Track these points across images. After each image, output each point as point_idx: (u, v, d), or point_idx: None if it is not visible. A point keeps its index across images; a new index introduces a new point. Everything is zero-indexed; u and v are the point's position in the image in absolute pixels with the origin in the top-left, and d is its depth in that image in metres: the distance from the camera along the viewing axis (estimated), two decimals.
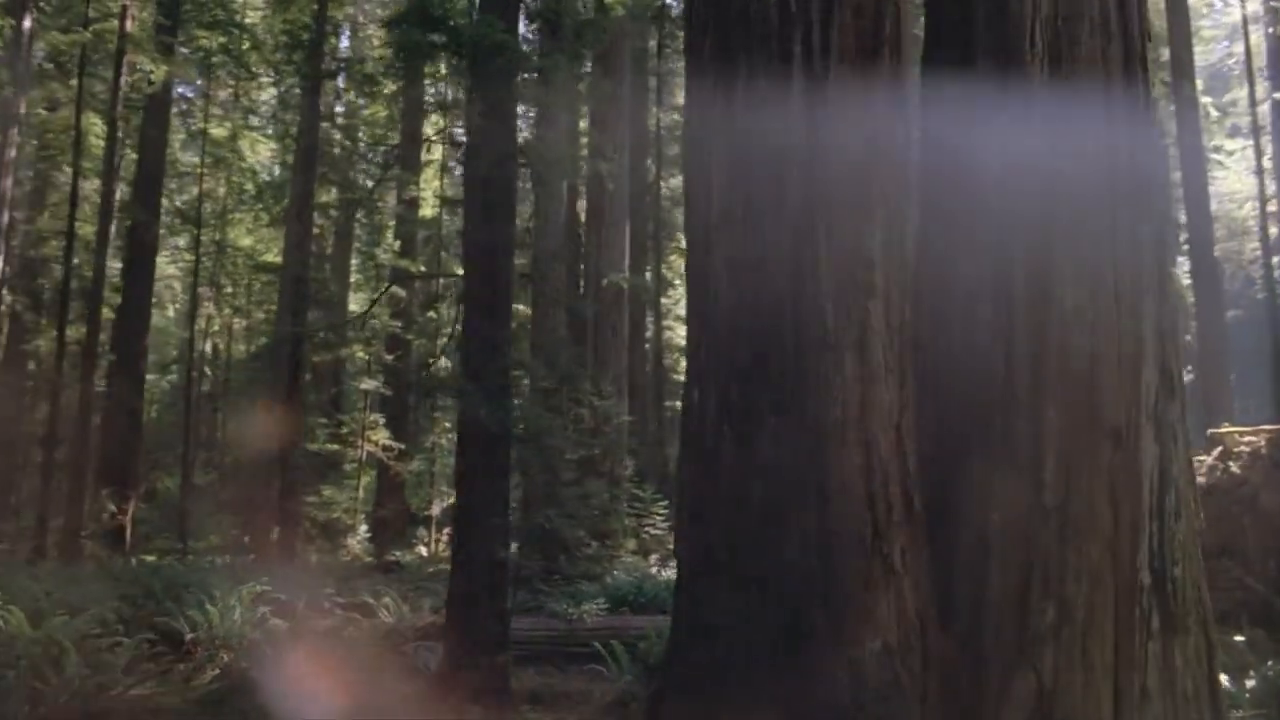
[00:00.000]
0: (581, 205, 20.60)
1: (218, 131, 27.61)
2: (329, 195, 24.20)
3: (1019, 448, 4.78)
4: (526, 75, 8.07)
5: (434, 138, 8.67)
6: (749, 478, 5.22)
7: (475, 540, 8.30)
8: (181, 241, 28.37)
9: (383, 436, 22.83)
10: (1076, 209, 4.88)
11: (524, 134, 11.45)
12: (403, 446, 22.10)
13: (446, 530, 23.27)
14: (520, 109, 9.45)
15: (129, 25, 17.77)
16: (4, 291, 23.97)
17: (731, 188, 5.30)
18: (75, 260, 19.46)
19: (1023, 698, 4.52)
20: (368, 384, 22.89)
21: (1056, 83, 4.95)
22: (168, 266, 31.00)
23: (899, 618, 4.66)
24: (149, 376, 30.82)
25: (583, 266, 20.54)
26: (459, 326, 8.62)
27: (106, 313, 20.74)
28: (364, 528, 23.40)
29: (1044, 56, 4.95)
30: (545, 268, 15.19)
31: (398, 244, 24.04)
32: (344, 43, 27.71)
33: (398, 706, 7.98)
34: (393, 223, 26.11)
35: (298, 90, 21.45)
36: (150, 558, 18.64)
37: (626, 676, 8.18)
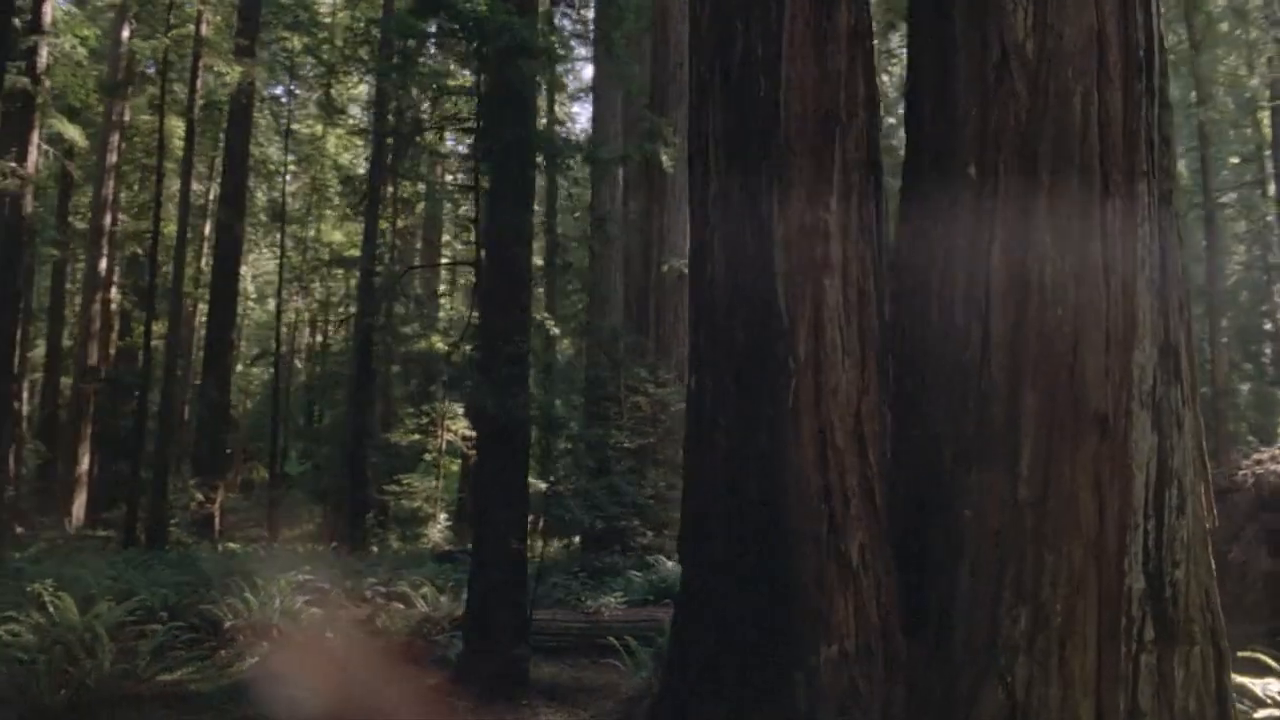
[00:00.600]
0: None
1: (310, 130, 28.43)
2: (413, 189, 24.63)
3: (994, 437, 4.34)
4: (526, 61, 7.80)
5: (435, 124, 8.60)
6: (735, 469, 4.94)
7: (490, 532, 8.19)
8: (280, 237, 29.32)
9: (463, 426, 23.12)
10: (1056, 161, 4.40)
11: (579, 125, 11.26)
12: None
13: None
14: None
15: (205, 30, 18.32)
16: (113, 290, 25.26)
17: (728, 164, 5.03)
18: (165, 259, 20.32)
19: (991, 713, 4.11)
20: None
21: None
22: (270, 262, 32.16)
23: (858, 621, 4.31)
24: (253, 370, 32.12)
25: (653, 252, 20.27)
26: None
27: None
28: (444, 516, 23.75)
29: None
30: (600, 254, 15.02)
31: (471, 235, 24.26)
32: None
33: (410, 699, 7.95)
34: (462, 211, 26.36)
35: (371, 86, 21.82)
36: (234, 546, 19.33)
37: (642, 673, 7.95)
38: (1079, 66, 4.47)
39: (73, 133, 17.17)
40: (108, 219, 23.72)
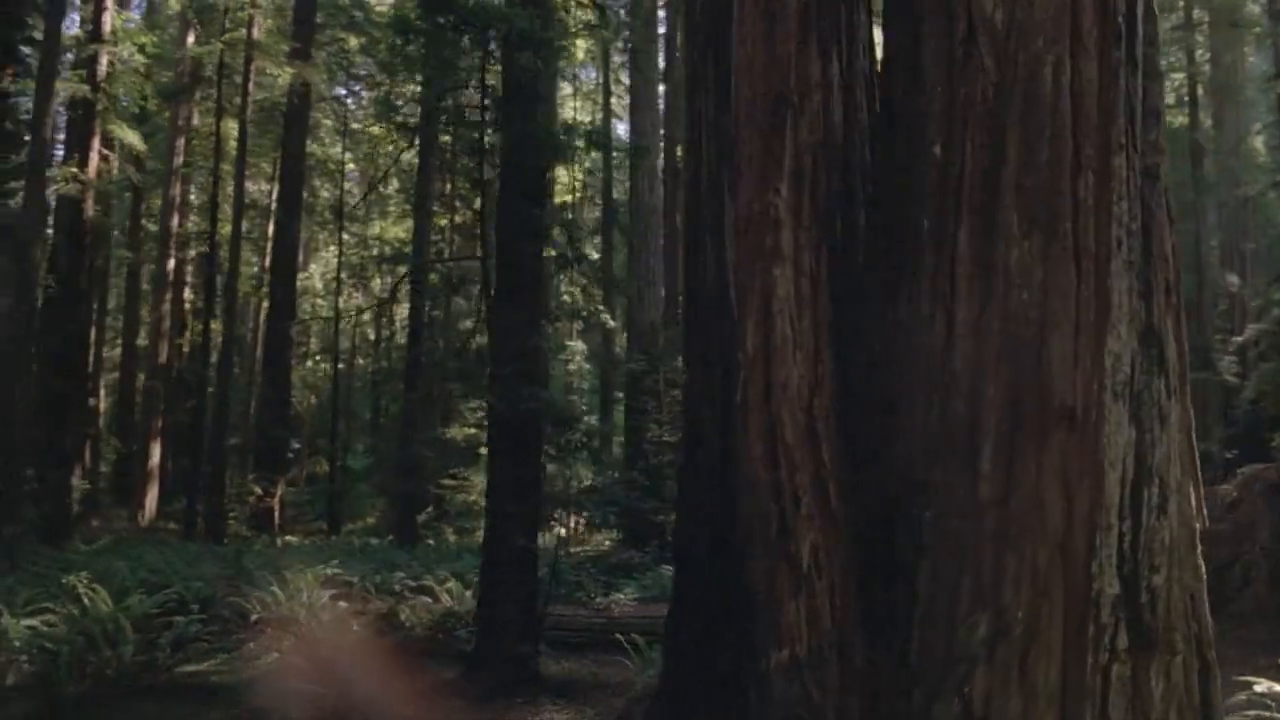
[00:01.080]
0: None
1: (369, 129, 28.84)
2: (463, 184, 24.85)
3: (956, 432, 4.08)
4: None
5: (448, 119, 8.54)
6: (717, 466, 4.79)
7: (499, 529, 8.14)
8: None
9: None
10: (1024, 136, 4.11)
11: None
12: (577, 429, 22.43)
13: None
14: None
15: (256, 34, 18.69)
16: (186, 290, 26.05)
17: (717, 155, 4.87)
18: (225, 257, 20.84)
19: None
20: None
21: None
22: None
23: (810, 626, 4.11)
24: (322, 365, 32.83)
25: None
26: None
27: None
28: None
29: None
30: (639, 246, 14.88)
31: None
32: None
33: (419, 694, 7.95)
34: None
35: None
36: (293, 539, 19.77)
37: (650, 670, 7.81)
38: (1050, 36, 4.18)
39: (132, 138, 17.69)
40: (175, 221, 24.47)
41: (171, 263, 24.80)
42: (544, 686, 8.19)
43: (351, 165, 26.32)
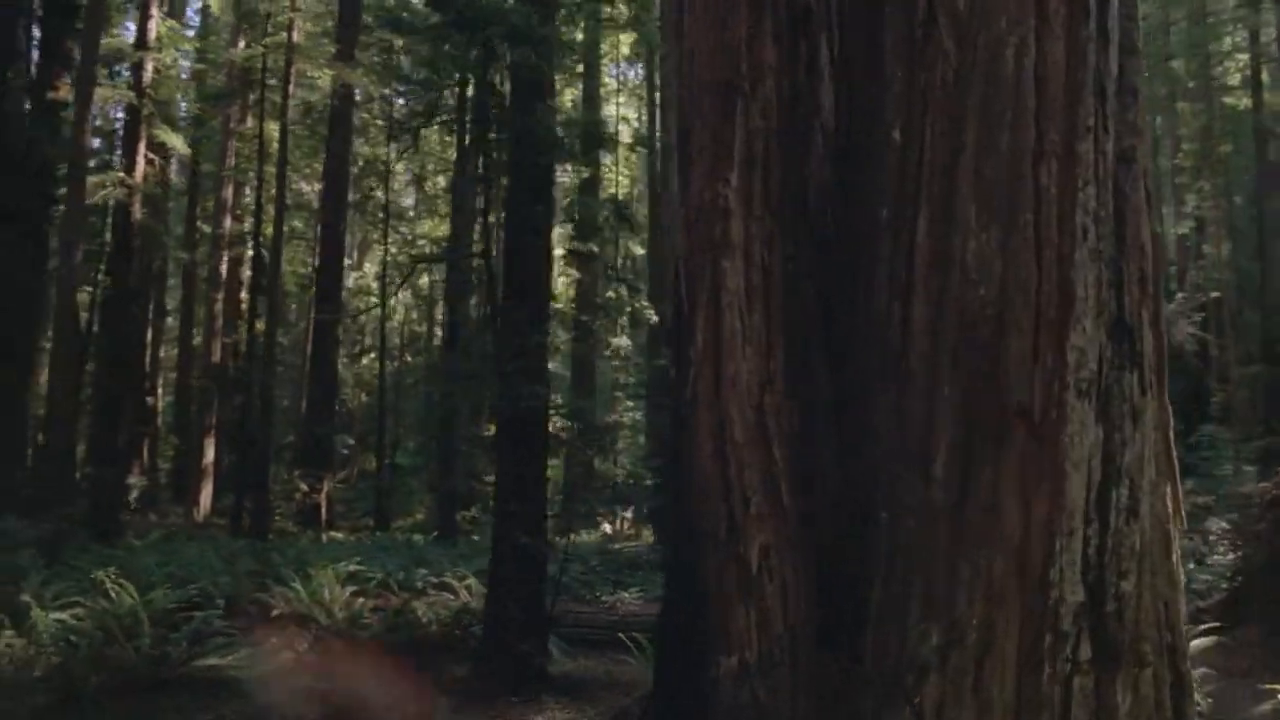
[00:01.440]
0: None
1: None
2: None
3: (911, 433, 3.92)
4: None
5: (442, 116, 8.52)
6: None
7: (504, 526, 8.12)
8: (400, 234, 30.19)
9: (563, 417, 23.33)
10: (985, 122, 3.92)
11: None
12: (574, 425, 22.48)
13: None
14: None
15: (297, 37, 18.97)
16: (241, 290, 26.64)
17: None
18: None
19: None
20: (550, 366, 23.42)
21: None
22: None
23: (760, 630, 3.98)
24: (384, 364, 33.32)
25: None
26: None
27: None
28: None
29: None
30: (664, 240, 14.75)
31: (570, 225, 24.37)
32: None
33: (424, 691, 7.97)
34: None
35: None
36: (339, 535, 20.06)
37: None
38: (1014, 15, 3.98)
39: (176, 142, 18.13)
40: (227, 222, 25.02)
41: (224, 263, 25.35)
42: (549, 684, 8.15)
43: (399, 165, 26.58)
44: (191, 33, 28.43)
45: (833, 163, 4.48)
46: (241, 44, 24.16)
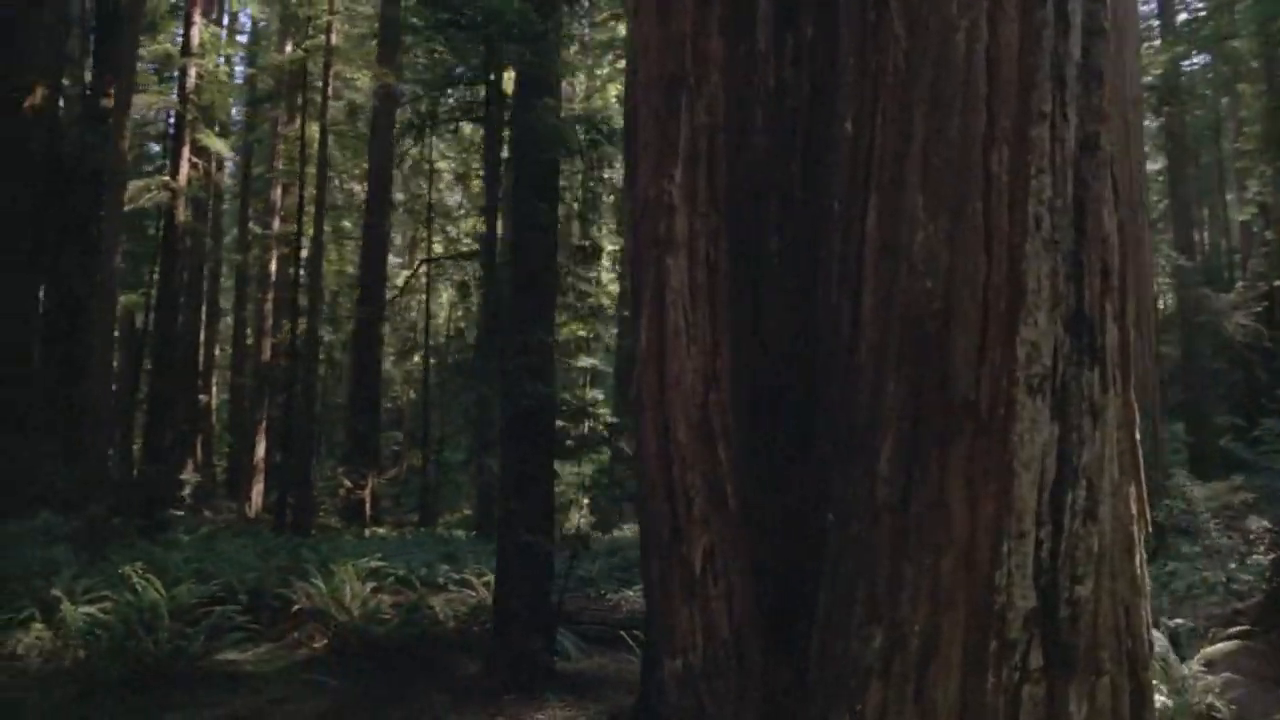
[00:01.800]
0: None
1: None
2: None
3: (858, 430, 3.80)
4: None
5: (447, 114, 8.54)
6: None
7: (510, 523, 8.13)
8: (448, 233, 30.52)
9: (605, 412, 23.35)
10: (935, 108, 3.78)
11: None
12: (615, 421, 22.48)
13: None
14: None
15: (336, 40, 19.24)
16: (294, 290, 27.17)
17: None
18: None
19: None
20: (585, 361, 23.45)
21: None
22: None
23: (705, 633, 3.90)
24: (428, 361, 33.73)
25: None
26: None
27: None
28: (586, 502, 24.09)
29: None
30: None
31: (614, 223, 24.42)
32: None
33: (435, 688, 8.03)
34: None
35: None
36: (382, 531, 20.34)
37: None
38: None
39: (219, 146, 18.55)
40: (275, 222, 25.53)
41: (274, 263, 25.87)
42: (556, 681, 8.15)
43: (442, 164, 26.83)
44: (244, 38, 29.04)
45: (791, 157, 4.37)
46: (289, 48, 24.64)
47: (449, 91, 8.56)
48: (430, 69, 9.18)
